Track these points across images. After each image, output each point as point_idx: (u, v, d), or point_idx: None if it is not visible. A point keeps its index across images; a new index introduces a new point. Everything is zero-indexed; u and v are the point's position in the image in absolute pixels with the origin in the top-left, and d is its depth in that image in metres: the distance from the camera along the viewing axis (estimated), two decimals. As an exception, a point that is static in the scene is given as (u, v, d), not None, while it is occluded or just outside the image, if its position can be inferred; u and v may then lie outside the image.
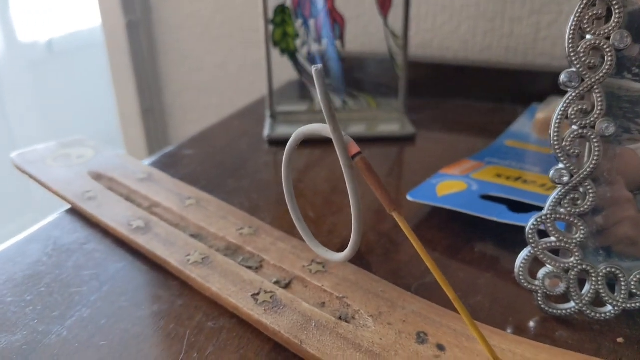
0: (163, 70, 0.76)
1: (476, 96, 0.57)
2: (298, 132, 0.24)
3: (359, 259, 0.31)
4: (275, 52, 0.48)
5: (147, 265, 0.30)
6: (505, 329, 0.25)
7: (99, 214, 0.34)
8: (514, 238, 0.32)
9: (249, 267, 0.29)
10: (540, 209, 0.32)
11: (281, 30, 0.47)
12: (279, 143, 0.47)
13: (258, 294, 0.26)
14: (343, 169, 0.22)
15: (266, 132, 0.48)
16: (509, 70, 0.57)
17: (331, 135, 0.22)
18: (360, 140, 0.47)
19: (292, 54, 0.48)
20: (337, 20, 0.47)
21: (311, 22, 0.47)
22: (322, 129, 0.23)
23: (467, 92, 0.57)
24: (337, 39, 0.48)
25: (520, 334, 0.24)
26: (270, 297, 0.26)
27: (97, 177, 0.39)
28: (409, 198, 0.34)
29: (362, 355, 0.23)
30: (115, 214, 0.34)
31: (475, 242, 0.32)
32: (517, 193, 0.33)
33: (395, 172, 0.43)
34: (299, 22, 0.47)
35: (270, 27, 0.47)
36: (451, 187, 0.35)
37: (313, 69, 0.21)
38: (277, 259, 0.29)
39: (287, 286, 0.27)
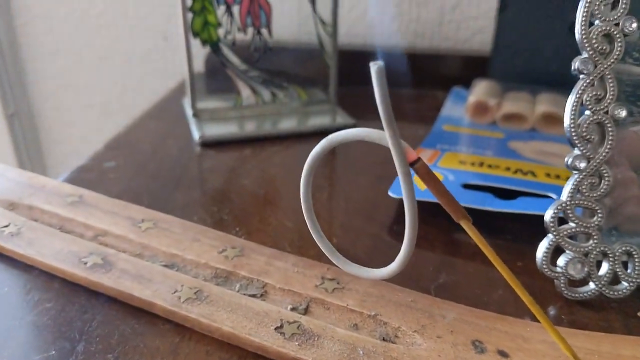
0: (30, 67, 0.65)
1: (392, 82, 0.56)
2: (330, 139, 0.21)
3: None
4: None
5: (121, 310, 0.25)
6: (536, 320, 0.25)
7: (35, 253, 0.27)
8: (504, 226, 0.32)
9: (253, 296, 0.25)
10: (524, 194, 0.32)
11: (201, 18, 0.42)
12: (213, 145, 0.42)
13: (281, 326, 0.23)
14: (400, 177, 0.20)
15: (196, 133, 0.43)
16: (419, 55, 0.57)
17: (384, 142, 0.20)
18: (295, 135, 0.44)
19: (214, 45, 0.44)
20: (263, 7, 0.43)
21: (235, 9, 0.43)
22: (368, 134, 0.20)
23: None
24: (263, 27, 0.44)
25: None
26: (298, 328, 0.23)
27: (10, 206, 0.32)
28: (391, 195, 0.32)
29: (430, 378, 0.21)
30: (57, 251, 0.28)
31: (467, 234, 0.31)
32: (494, 179, 0.33)
33: (349, 166, 0.41)
34: (221, 10, 0.42)
35: (189, 16, 0.42)
36: (429, 179, 0.34)
37: (372, 67, 0.18)
38: (281, 282, 0.26)
39: (306, 312, 0.24)
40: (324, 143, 0.21)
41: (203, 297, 0.25)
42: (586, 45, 0.24)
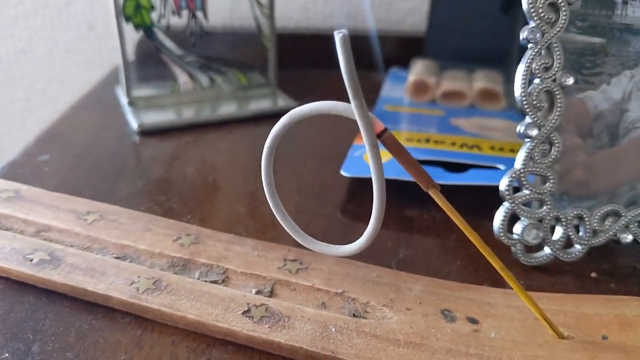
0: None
1: (328, 65, 0.56)
2: (291, 114, 0.20)
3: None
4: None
5: (74, 307, 0.23)
6: (499, 286, 0.25)
7: (-30, 254, 0.25)
8: (453, 198, 0.32)
9: (215, 282, 0.24)
10: (472, 166, 0.33)
11: (133, 2, 0.40)
12: (153, 133, 0.40)
13: (248, 310, 0.22)
14: (367, 149, 0.19)
15: (133, 122, 0.40)
16: (353, 37, 0.57)
17: (350, 114, 0.19)
18: (236, 120, 0.43)
19: (148, 29, 0.42)
20: (198, -11, 0.42)
21: (169, -9, 0.41)
22: (333, 107, 0.20)
23: (320, 61, 0.56)
24: (198, 10, 0.42)
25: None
26: (266, 310, 0.22)
27: None
28: (343, 174, 0.32)
29: (405, 349, 0.21)
30: (-5, 250, 0.25)
31: (419, 209, 0.32)
32: (443, 154, 0.34)
33: (296, 148, 0.41)
34: (154, -8, 0.40)
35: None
36: (380, 156, 0.34)
37: (337, 35, 0.18)
38: (243, 266, 0.25)
39: (271, 294, 0.24)
40: (284, 120, 0.21)
41: (162, 286, 0.23)
42: (533, 14, 0.24)
